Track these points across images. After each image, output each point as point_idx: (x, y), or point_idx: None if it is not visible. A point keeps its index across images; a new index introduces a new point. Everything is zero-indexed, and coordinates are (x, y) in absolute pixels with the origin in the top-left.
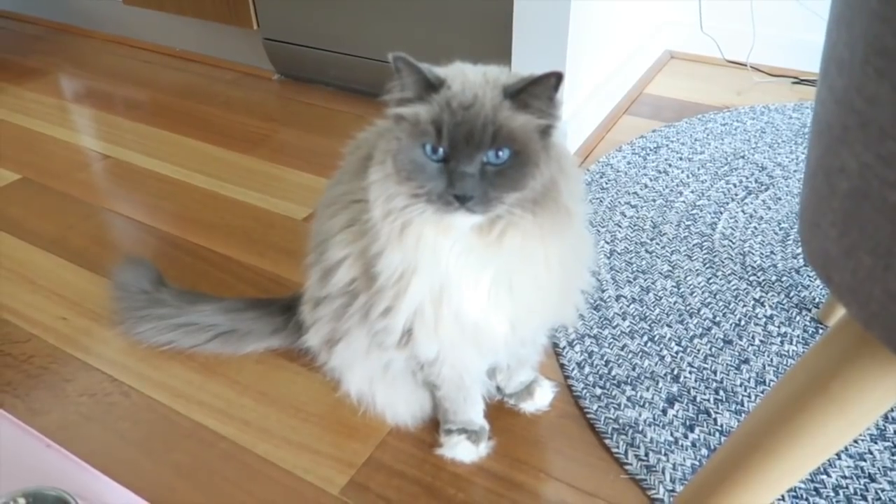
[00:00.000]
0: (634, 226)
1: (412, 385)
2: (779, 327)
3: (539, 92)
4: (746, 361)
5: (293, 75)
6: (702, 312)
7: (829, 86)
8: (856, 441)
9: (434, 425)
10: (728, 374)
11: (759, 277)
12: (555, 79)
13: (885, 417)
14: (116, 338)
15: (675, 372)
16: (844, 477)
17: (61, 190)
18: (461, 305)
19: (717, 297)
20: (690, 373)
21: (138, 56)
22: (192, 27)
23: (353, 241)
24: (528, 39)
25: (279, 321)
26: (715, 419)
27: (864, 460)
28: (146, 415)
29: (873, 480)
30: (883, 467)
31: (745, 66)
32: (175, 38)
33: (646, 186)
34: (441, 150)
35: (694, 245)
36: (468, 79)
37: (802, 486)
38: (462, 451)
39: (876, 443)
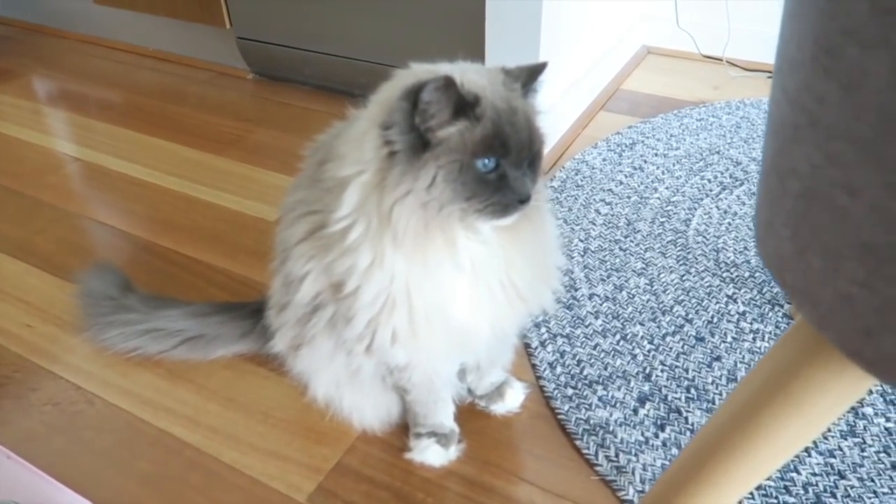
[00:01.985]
0: (609, 223)
1: (380, 389)
2: (751, 324)
3: (538, 82)
4: (718, 359)
5: (268, 74)
6: (675, 310)
7: (781, 84)
8: (825, 437)
9: (404, 429)
10: (700, 372)
11: (732, 274)
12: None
13: (855, 413)
14: (83, 345)
15: (647, 371)
16: (814, 474)
17: (30, 194)
18: (451, 311)
19: (690, 294)
20: (662, 371)
21: (111, 56)
22: (165, 26)
23: (314, 255)
24: (501, 35)
25: (247, 325)
26: (686, 418)
27: (834, 457)
28: (111, 423)
29: (843, 477)
30: (852, 464)
31: (721, 60)
32: (149, 37)
33: (621, 183)
34: (493, 162)
35: (668, 242)
36: (487, 86)
37: (772, 484)
38: (432, 454)
39: (846, 439)
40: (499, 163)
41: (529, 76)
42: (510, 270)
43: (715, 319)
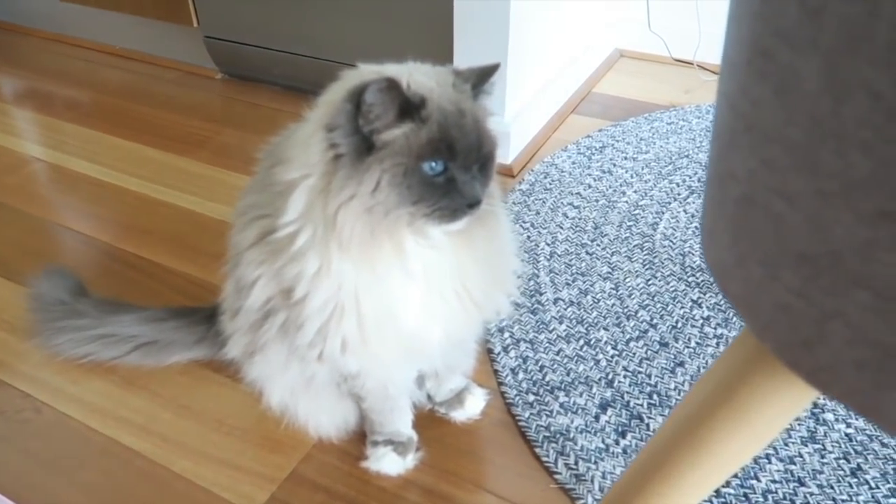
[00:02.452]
0: (576, 227)
1: (336, 396)
2: (715, 329)
3: (489, 84)
4: (682, 364)
5: (237, 74)
6: (639, 315)
7: (722, 88)
8: (786, 444)
9: (362, 437)
10: (663, 378)
11: (697, 278)
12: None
13: (816, 420)
14: (33, 351)
15: (610, 376)
16: (774, 481)
17: None
18: (401, 317)
19: (656, 298)
20: (625, 377)
21: (77, 55)
22: (133, 25)
23: (264, 260)
24: (470, 36)
25: (203, 330)
26: (648, 424)
27: (794, 464)
28: (59, 432)
29: (802, 484)
30: (812, 470)
31: (693, 64)
32: (116, 36)
33: (589, 187)
34: (441, 165)
35: (635, 246)
36: (434, 88)
37: (732, 491)
38: (388, 463)
39: (806, 445)
40: (447, 166)
41: (480, 78)
42: (463, 276)
43: (679, 324)
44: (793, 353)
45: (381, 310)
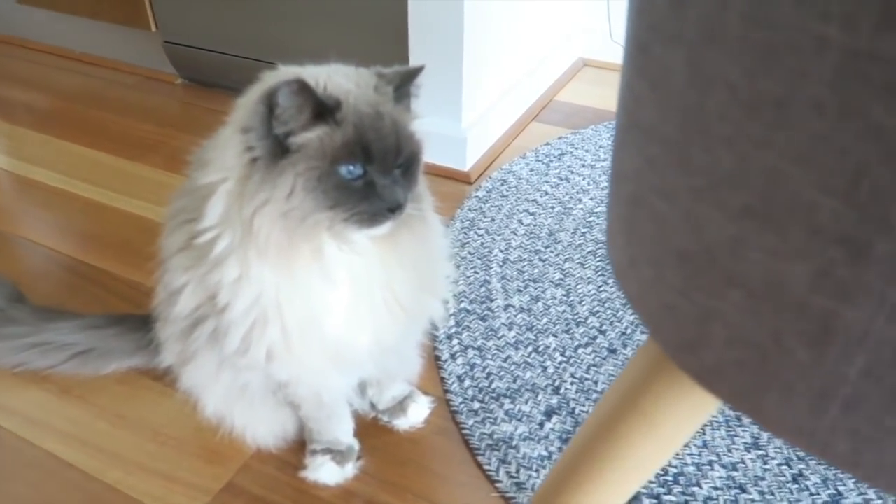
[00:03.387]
0: (531, 233)
1: (273, 404)
2: None
3: (414, 86)
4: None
5: (196, 79)
6: (589, 321)
7: (619, 86)
8: (729, 450)
9: (303, 446)
10: (610, 385)
11: None
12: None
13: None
14: None
15: (557, 383)
16: (716, 488)
17: None
18: (326, 324)
19: (606, 305)
20: (572, 384)
21: (35, 59)
22: (91, 28)
23: (190, 266)
24: (425, 41)
25: (142, 338)
26: None
27: (737, 470)
28: None
29: (744, 491)
30: (754, 477)
31: None
32: (74, 39)
33: (546, 193)
34: (359, 169)
35: (588, 252)
36: (352, 90)
37: (673, 498)
38: (326, 472)
39: (749, 451)
40: (365, 170)
41: (403, 80)
42: (391, 282)
43: (629, 331)
44: (682, 354)
45: (305, 317)
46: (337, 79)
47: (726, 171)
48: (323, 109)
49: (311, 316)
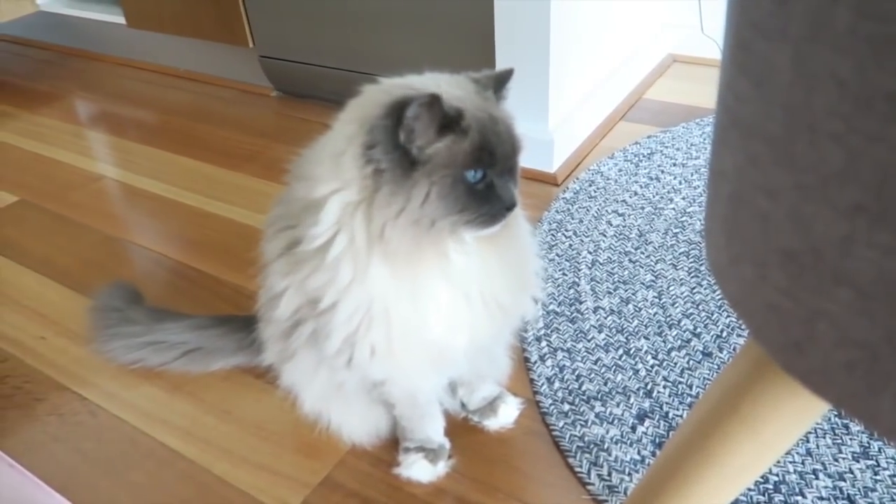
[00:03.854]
0: (620, 235)
1: (367, 403)
2: None
3: (505, 89)
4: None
5: (290, 91)
6: (682, 324)
7: (719, 84)
8: (836, 459)
9: (396, 443)
10: (704, 389)
11: None
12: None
13: (870, 433)
14: (90, 357)
15: (649, 387)
16: (821, 498)
17: (55, 211)
18: (430, 325)
19: (700, 307)
20: (665, 387)
21: (143, 77)
22: (193, 47)
23: (290, 271)
24: (512, 48)
25: (244, 337)
26: None
27: (844, 480)
28: (110, 434)
29: (852, 502)
30: (864, 488)
31: None
32: (178, 58)
33: (635, 194)
34: (481, 173)
35: (680, 254)
36: (464, 97)
37: None
38: (419, 470)
39: (858, 461)
40: (485, 173)
41: (498, 83)
42: (490, 280)
43: (724, 334)
44: (786, 355)
45: (411, 319)
46: (448, 88)
47: (835, 168)
48: (448, 120)
49: (417, 318)
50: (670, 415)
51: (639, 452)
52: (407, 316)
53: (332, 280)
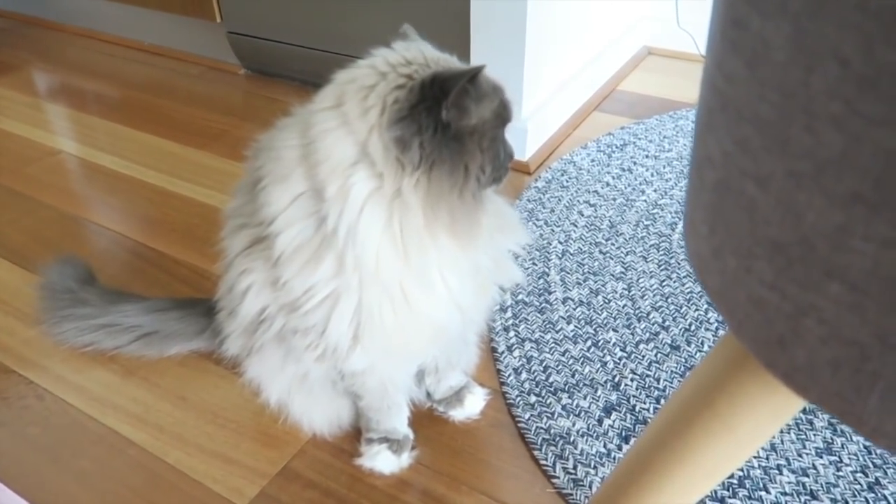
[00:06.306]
0: (591, 225)
1: (331, 394)
2: None
3: None
4: (692, 368)
5: (259, 70)
6: (651, 316)
7: (705, 66)
8: (799, 454)
9: (357, 434)
10: (672, 382)
11: None
12: None
13: (833, 430)
14: (39, 338)
15: (616, 379)
16: (784, 493)
17: (8, 185)
18: (441, 301)
19: (669, 300)
20: (632, 380)
21: (106, 50)
22: (158, 20)
23: (255, 269)
24: (486, 33)
25: (204, 322)
26: None
27: (808, 476)
28: (58, 419)
29: (815, 498)
30: (826, 483)
31: None
32: (143, 31)
33: (607, 185)
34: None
35: (651, 246)
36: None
37: (738, 503)
38: (382, 461)
39: (821, 457)
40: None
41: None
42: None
43: (693, 327)
44: (768, 351)
45: (429, 297)
46: (449, 58)
47: (832, 154)
48: (488, 87)
49: (435, 296)
50: (637, 408)
51: (605, 446)
52: (422, 296)
53: (339, 272)
